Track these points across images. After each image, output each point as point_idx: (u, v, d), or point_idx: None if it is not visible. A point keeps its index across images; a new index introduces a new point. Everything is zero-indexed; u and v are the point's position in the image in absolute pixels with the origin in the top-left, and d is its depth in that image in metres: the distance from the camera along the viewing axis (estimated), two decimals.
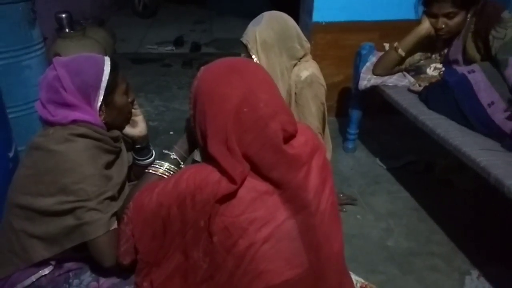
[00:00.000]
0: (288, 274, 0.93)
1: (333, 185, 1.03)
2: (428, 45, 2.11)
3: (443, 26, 1.91)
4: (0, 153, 1.72)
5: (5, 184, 1.16)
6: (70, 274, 1.15)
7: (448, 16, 1.89)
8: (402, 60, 2.15)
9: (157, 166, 1.09)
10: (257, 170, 0.92)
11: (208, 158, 0.94)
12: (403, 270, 1.75)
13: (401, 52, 2.10)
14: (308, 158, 0.97)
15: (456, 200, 2.18)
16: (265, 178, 0.93)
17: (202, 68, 1.00)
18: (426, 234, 1.96)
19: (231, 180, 0.89)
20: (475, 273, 1.72)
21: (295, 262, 0.94)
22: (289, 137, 0.96)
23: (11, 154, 1.76)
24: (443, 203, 2.15)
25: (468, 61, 1.91)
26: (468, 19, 1.90)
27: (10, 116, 1.87)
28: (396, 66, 2.19)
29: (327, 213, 0.99)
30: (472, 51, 1.89)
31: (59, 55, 2.95)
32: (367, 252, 1.84)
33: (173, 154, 1.11)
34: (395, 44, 2.11)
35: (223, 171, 0.90)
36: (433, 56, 2.18)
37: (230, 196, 0.90)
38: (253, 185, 0.92)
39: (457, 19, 1.89)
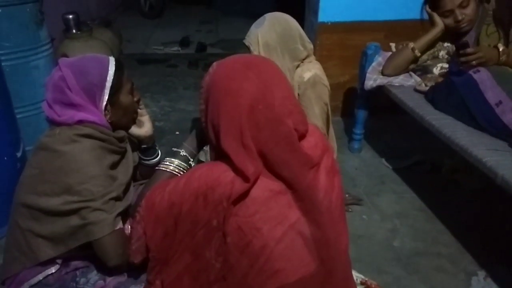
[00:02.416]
0: (301, 272, 0.93)
1: (341, 185, 1.03)
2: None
3: (463, 16, 1.95)
4: (9, 153, 1.74)
5: (13, 183, 1.17)
6: (77, 272, 1.16)
7: (462, 5, 1.93)
8: (416, 60, 2.17)
9: (167, 163, 1.10)
10: (270, 168, 0.92)
11: (220, 156, 0.94)
12: (409, 271, 1.74)
13: (417, 53, 2.12)
14: (318, 159, 0.97)
15: (462, 200, 2.16)
16: (278, 176, 0.92)
17: (215, 63, 0.99)
18: (432, 234, 1.94)
19: (244, 178, 0.88)
20: (482, 274, 1.70)
21: (308, 260, 0.94)
22: (299, 137, 0.95)
23: (19, 154, 1.78)
24: (450, 203, 2.14)
25: None
26: (480, 8, 1.94)
27: (18, 116, 1.89)
28: (409, 66, 2.19)
29: (337, 211, 0.99)
30: (484, 43, 1.91)
31: (66, 55, 2.97)
32: (373, 252, 1.83)
33: (182, 151, 1.11)
34: (411, 45, 2.11)
35: (235, 170, 0.89)
36: (440, 54, 2.17)
37: (243, 196, 0.89)
38: (266, 185, 0.91)
39: (472, 6, 1.93)
